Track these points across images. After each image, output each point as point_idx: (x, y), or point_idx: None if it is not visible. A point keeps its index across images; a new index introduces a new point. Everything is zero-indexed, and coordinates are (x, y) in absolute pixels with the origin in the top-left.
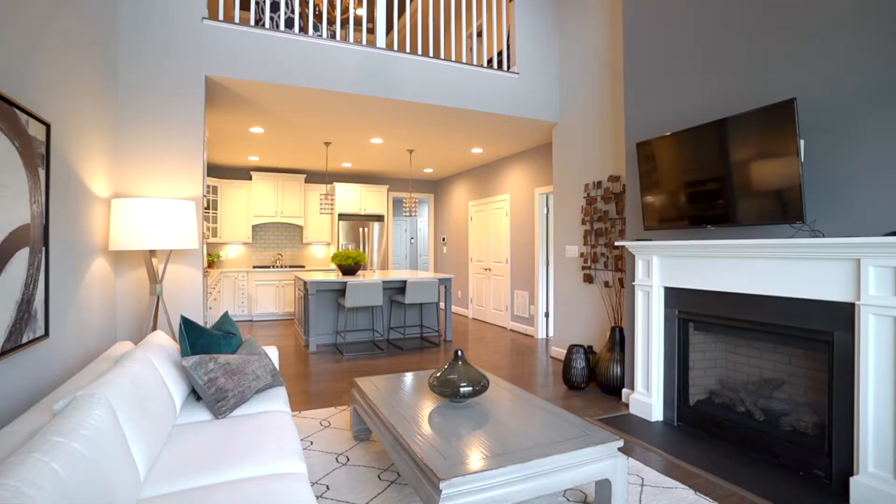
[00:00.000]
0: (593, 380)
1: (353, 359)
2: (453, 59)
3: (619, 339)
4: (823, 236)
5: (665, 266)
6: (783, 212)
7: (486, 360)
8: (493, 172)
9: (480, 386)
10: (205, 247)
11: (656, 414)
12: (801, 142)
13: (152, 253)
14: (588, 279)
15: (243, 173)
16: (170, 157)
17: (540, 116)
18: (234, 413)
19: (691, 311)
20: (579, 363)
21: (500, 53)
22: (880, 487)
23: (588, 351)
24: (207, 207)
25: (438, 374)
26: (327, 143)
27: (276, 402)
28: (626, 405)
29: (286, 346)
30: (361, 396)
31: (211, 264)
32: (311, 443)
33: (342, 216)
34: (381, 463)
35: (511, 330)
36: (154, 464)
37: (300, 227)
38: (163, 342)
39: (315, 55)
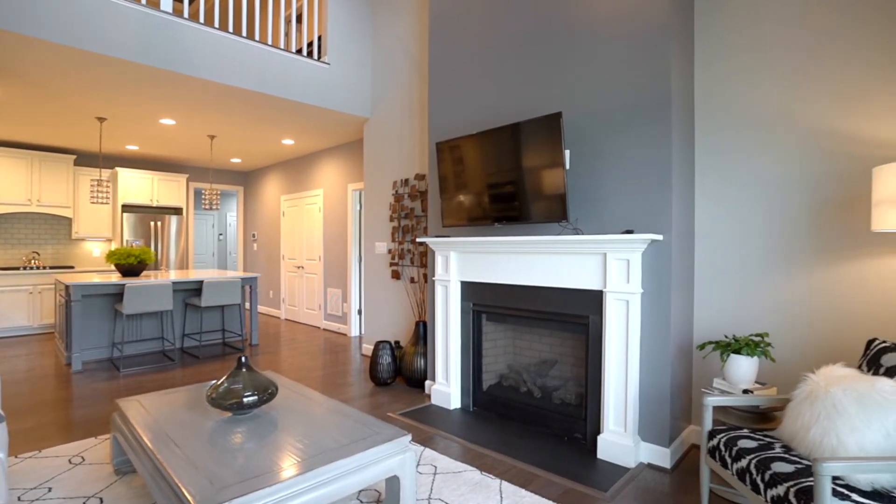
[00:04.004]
0: (400, 374)
1: (133, 374)
2: (257, 38)
3: (423, 333)
4: (583, 234)
5: (462, 261)
6: (559, 212)
7: (294, 361)
8: (306, 166)
9: (268, 393)
10: None
11: (455, 402)
12: (567, 151)
13: None
14: (396, 275)
15: None
16: None
17: (350, 111)
18: None
19: (484, 304)
20: (385, 359)
21: (310, 44)
22: (616, 440)
23: (395, 346)
24: None
25: (218, 385)
26: (101, 119)
27: None
28: (429, 396)
29: (40, 366)
30: (123, 421)
31: None
32: (50, 489)
33: (128, 207)
34: (146, 500)
35: (325, 329)
36: None
37: (68, 219)
38: None
39: (72, 4)
